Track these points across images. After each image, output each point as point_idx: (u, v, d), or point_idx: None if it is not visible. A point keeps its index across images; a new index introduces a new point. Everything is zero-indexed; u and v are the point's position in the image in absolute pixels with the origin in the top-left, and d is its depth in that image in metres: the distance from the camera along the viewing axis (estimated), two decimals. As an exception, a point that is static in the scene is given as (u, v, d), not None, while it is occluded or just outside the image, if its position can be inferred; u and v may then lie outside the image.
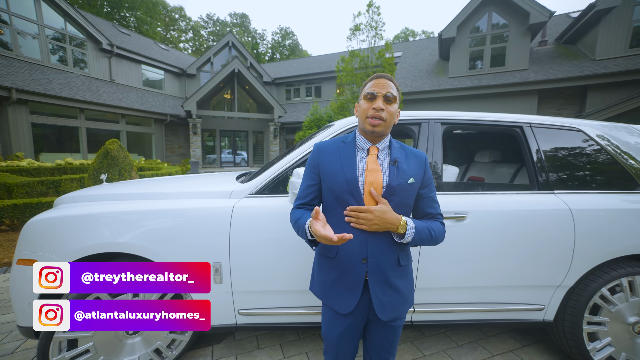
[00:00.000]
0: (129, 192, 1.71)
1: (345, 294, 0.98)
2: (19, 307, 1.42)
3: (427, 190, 1.03)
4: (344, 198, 0.96)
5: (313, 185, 1.05)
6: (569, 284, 1.57)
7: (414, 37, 40.45)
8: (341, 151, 1.01)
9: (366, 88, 0.98)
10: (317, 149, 1.06)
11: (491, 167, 2.60)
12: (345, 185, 0.96)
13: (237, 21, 40.91)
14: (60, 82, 9.77)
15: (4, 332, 2.02)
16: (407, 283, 1.03)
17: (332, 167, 1.00)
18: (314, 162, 1.05)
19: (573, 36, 10.23)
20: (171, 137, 13.85)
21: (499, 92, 9.63)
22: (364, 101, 0.97)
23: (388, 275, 0.97)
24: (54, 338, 1.32)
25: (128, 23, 28.57)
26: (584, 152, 1.68)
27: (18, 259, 1.41)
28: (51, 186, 5.26)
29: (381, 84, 0.95)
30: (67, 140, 10.22)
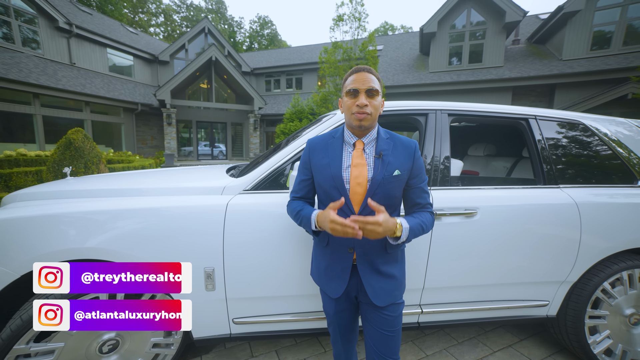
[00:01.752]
0: (102, 188, 1.47)
1: (335, 280, 1.05)
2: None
3: (416, 181, 1.03)
4: (331, 193, 1.01)
5: (306, 180, 1.10)
6: (573, 279, 1.57)
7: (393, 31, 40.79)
8: (329, 147, 1.05)
9: (347, 84, 0.99)
10: (308, 146, 1.10)
11: (485, 160, 2.60)
12: (331, 180, 0.99)
13: (213, 7, 38.83)
14: (7, 62, 8.64)
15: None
16: (398, 268, 1.05)
17: (320, 163, 1.03)
18: (305, 159, 1.09)
19: (543, 36, 10.74)
20: (143, 127, 12.92)
21: (477, 88, 9.94)
22: (347, 98, 0.98)
23: (376, 263, 1.01)
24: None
25: (90, 2, 26.04)
26: (588, 146, 1.68)
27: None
28: (0, 180, 4.66)
29: (362, 79, 0.95)
30: (19, 129, 9.16)
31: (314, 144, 1.08)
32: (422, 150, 1.56)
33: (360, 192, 0.98)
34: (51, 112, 9.58)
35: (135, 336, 1.35)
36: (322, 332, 1.53)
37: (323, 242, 1.06)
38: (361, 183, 0.97)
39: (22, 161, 6.74)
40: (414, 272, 1.47)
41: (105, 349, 1.29)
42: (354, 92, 0.95)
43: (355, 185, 0.98)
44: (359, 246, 1.00)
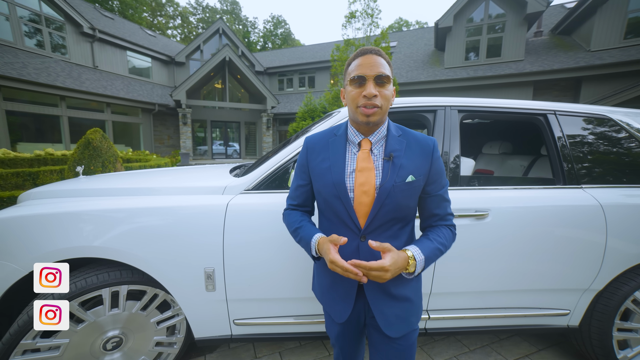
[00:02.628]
0: (108, 187, 1.49)
1: (340, 303, 0.89)
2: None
3: (434, 187, 0.85)
4: (332, 202, 0.84)
5: (304, 186, 0.94)
6: (598, 287, 1.45)
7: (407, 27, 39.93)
8: (330, 147, 0.88)
9: (352, 69, 0.80)
10: (305, 146, 0.93)
11: (501, 159, 2.46)
12: (332, 188, 0.83)
13: (228, 8, 39.47)
14: (37, 67, 9.15)
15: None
16: (414, 289, 0.88)
17: (320, 167, 0.87)
18: (303, 161, 0.93)
19: (568, 27, 10.15)
20: (160, 127, 13.34)
21: (495, 84, 9.54)
22: (352, 87, 0.79)
23: (388, 284, 0.84)
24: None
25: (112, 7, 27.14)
26: (616, 143, 1.54)
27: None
28: (28, 178, 4.92)
29: (370, 63, 0.77)
30: (47, 130, 9.67)
31: (312, 143, 0.92)
32: (430, 149, 1.48)
33: (367, 203, 0.81)
34: (76, 113, 10.05)
35: (138, 334, 1.37)
36: (326, 336, 1.49)
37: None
38: (368, 191, 0.80)
39: (49, 160, 7.11)
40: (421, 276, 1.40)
41: (109, 346, 1.31)
42: (360, 79, 0.77)
43: (361, 194, 0.81)
44: None
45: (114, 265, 1.31)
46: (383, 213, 0.80)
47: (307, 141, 0.94)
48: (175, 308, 1.42)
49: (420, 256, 0.77)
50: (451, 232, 0.87)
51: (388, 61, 0.80)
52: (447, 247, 0.85)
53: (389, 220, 0.82)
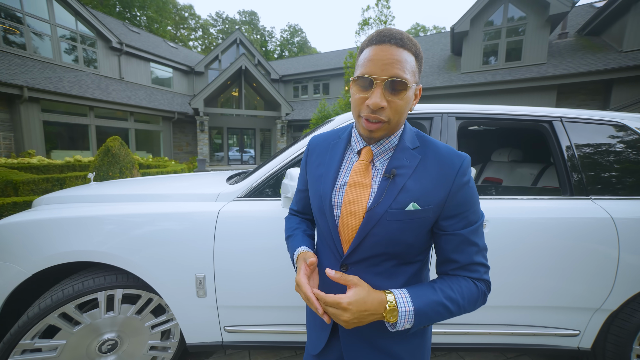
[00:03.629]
0: (109, 194, 1.56)
1: (316, 332, 0.75)
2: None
3: (454, 223, 0.61)
4: (318, 218, 0.71)
5: (302, 191, 0.84)
6: (611, 307, 1.33)
7: (424, 32, 39.56)
8: (329, 151, 0.74)
9: (361, 61, 0.60)
10: (308, 146, 0.80)
11: (510, 167, 2.35)
12: (319, 201, 0.69)
13: (246, 19, 40.94)
14: (71, 80, 9.88)
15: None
16: (408, 347, 0.66)
17: (315, 173, 0.74)
18: (303, 163, 0.81)
19: (597, 27, 9.63)
20: (179, 134, 13.90)
21: (515, 88, 9.19)
22: (355, 89, 0.60)
23: (370, 333, 0.65)
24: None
25: (139, 22, 28.95)
26: (629, 151, 1.43)
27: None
28: (56, 183, 5.26)
29: (384, 58, 0.55)
30: (78, 138, 10.35)
31: (315, 143, 0.78)
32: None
33: (353, 226, 0.63)
34: (102, 122, 10.70)
35: (133, 338, 1.41)
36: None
37: None
38: (356, 213, 0.63)
39: (77, 166, 7.59)
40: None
41: (105, 349, 1.35)
42: (366, 81, 0.57)
43: (347, 214, 0.64)
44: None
45: (110, 269, 1.36)
46: (370, 244, 0.62)
47: (311, 141, 0.80)
48: (169, 313, 1.45)
49: (407, 306, 0.56)
50: (476, 288, 0.61)
51: (416, 52, 0.58)
52: (461, 308, 0.59)
53: (378, 255, 0.64)
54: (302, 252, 0.71)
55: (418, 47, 0.60)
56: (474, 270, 0.62)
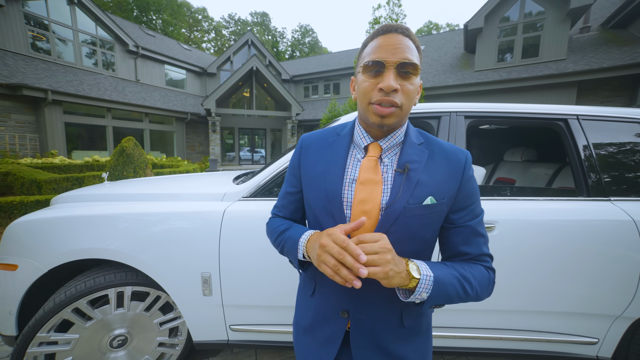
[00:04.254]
0: (121, 193, 1.61)
1: (317, 351, 0.68)
2: (1, 314, 1.35)
3: (463, 215, 0.63)
4: (323, 220, 0.65)
5: (293, 194, 0.75)
6: (634, 315, 1.26)
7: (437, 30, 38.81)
8: (330, 148, 0.69)
9: (367, 52, 0.60)
10: (301, 144, 0.75)
11: (524, 167, 2.27)
12: (324, 200, 0.64)
13: (258, 20, 41.38)
14: (90, 83, 10.26)
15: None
16: (419, 346, 0.67)
17: (313, 171, 0.69)
18: (295, 162, 0.74)
19: (624, 19, 9.16)
20: (192, 135, 14.20)
21: (532, 86, 8.88)
22: (365, 76, 0.59)
23: (383, 338, 0.64)
24: (27, 353, 1.23)
25: (155, 25, 29.78)
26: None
27: (0, 264, 1.35)
28: (75, 182, 5.48)
29: (393, 44, 0.56)
30: (96, 139, 10.74)
31: (309, 141, 0.74)
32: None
33: (367, 227, 0.61)
34: (119, 123, 11.06)
35: (142, 334, 1.44)
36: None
37: (308, 287, 0.72)
38: (369, 212, 0.61)
39: (95, 166, 7.88)
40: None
41: (115, 344, 1.39)
42: (377, 66, 0.57)
43: (360, 213, 0.61)
44: (357, 310, 0.64)
45: (120, 267, 1.40)
46: None
47: (303, 139, 0.76)
48: (176, 310, 1.48)
49: (428, 271, 0.55)
50: (487, 272, 0.62)
51: (418, 45, 0.60)
52: (473, 288, 0.59)
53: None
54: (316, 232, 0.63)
55: (418, 42, 0.61)
56: (484, 260, 0.64)
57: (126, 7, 28.07)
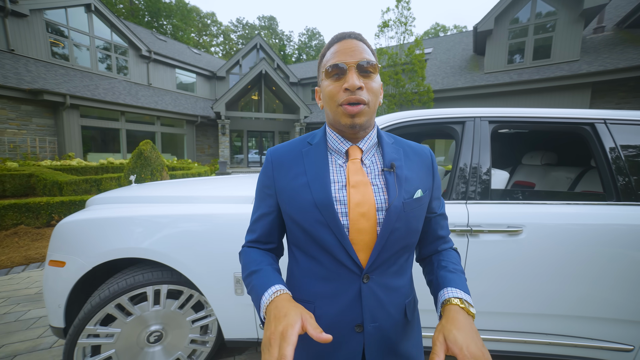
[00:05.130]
0: (155, 195, 1.68)
1: None
2: (51, 307, 1.43)
3: (438, 204, 0.73)
4: (317, 233, 0.61)
5: (269, 214, 0.69)
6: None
7: (445, 32, 38.64)
8: (306, 158, 0.66)
9: (327, 59, 0.62)
10: (270, 159, 0.70)
11: (544, 170, 2.27)
12: (315, 212, 0.61)
13: (265, 24, 41.88)
14: (105, 88, 10.56)
15: (46, 325, 2.10)
16: (416, 342, 0.69)
17: (293, 185, 0.64)
18: (267, 180, 0.69)
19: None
20: (201, 137, 14.42)
21: (543, 87, 8.79)
22: (329, 80, 0.61)
23: (394, 339, 0.64)
24: (77, 343, 1.30)
25: (165, 30, 30.40)
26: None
27: (50, 260, 1.43)
28: (94, 184, 5.64)
29: (350, 48, 0.59)
30: (110, 141, 11.02)
31: (279, 155, 0.69)
32: (457, 160, 1.45)
33: (368, 229, 0.60)
34: (132, 126, 11.33)
35: (176, 331, 1.50)
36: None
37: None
38: (367, 214, 0.60)
39: (110, 168, 8.08)
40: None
41: (152, 339, 1.46)
42: (338, 69, 0.59)
43: (358, 217, 0.60)
44: (370, 319, 0.62)
45: (156, 266, 1.47)
46: (393, 241, 0.61)
47: (272, 153, 0.71)
48: (207, 309, 1.54)
49: (466, 296, 0.59)
50: (457, 254, 0.74)
51: (372, 49, 0.64)
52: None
53: (398, 251, 0.64)
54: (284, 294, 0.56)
55: (372, 46, 0.66)
56: (450, 240, 0.75)
57: (138, 13, 28.76)
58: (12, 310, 2.31)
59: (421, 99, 9.68)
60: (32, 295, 2.55)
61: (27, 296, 2.54)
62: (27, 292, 2.62)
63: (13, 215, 3.85)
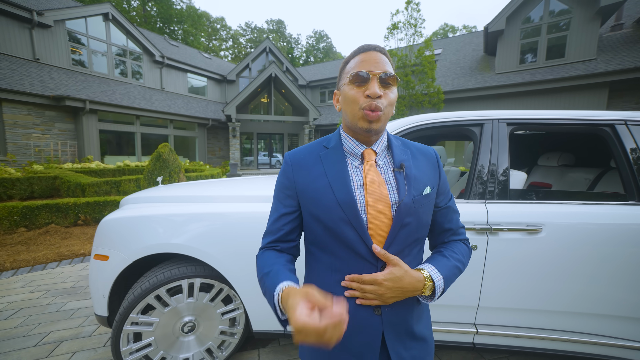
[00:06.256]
0: (186, 195, 1.79)
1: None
2: (95, 297, 1.55)
3: (444, 199, 0.77)
4: (339, 230, 0.67)
5: (289, 214, 0.74)
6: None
7: (453, 32, 38.30)
8: (325, 161, 0.72)
9: (351, 66, 0.68)
10: (290, 162, 0.75)
11: (561, 171, 2.29)
12: (338, 210, 0.67)
13: (274, 27, 42.37)
14: (122, 93, 10.92)
15: (84, 316, 2.26)
16: (427, 323, 0.77)
17: (315, 185, 0.70)
18: (287, 181, 0.74)
19: (658, 17, 8.77)
20: (212, 140, 14.71)
21: (557, 87, 8.65)
22: (350, 86, 0.67)
23: (410, 321, 0.70)
24: (123, 330, 1.41)
25: (177, 36, 31.14)
26: None
27: (94, 254, 1.55)
28: (114, 186, 5.86)
29: (374, 59, 0.65)
30: (125, 144, 11.38)
31: (299, 158, 0.75)
32: (476, 161, 1.50)
33: (384, 225, 0.67)
34: (146, 129, 11.67)
35: (207, 322, 1.60)
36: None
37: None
38: (383, 211, 0.67)
39: (127, 170, 8.35)
40: (467, 288, 1.41)
41: (186, 329, 1.56)
42: (363, 77, 0.64)
43: (376, 214, 0.66)
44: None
45: (189, 261, 1.56)
46: (404, 235, 0.68)
47: (291, 156, 0.76)
48: (236, 302, 1.63)
49: (438, 276, 0.67)
50: (466, 247, 0.78)
51: (392, 63, 0.70)
52: (465, 265, 0.75)
53: (410, 243, 0.70)
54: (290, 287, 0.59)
55: (393, 63, 0.72)
56: (461, 233, 0.79)
57: (150, 19, 29.57)
58: (53, 302, 2.48)
59: (431, 100, 9.65)
60: (68, 289, 2.72)
61: (64, 289, 2.71)
62: (64, 285, 2.80)
63: (45, 215, 4.07)
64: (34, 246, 3.62)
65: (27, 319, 2.19)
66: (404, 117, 1.58)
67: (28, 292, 2.64)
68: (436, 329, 1.48)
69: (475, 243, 1.38)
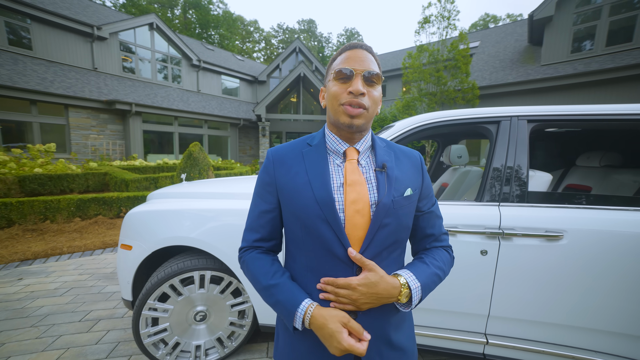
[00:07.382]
0: (202, 191, 1.90)
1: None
2: (122, 283, 1.73)
3: (427, 203, 0.76)
4: (316, 228, 0.66)
5: (270, 211, 0.73)
6: None
7: (495, 23, 35.56)
8: (307, 158, 0.71)
9: (337, 63, 0.68)
10: (272, 158, 0.74)
11: (603, 173, 2.03)
12: (315, 208, 0.65)
13: (305, 27, 42.84)
14: (162, 96, 11.84)
15: (118, 299, 2.52)
16: (408, 331, 0.74)
17: (294, 182, 0.69)
18: (268, 177, 0.73)
19: None
20: (244, 139, 15.33)
21: (618, 77, 7.65)
22: (335, 82, 0.67)
23: (387, 329, 0.68)
24: (142, 314, 1.55)
25: (213, 40, 32.90)
26: None
27: (121, 244, 1.72)
28: (152, 182, 6.40)
29: (359, 57, 0.66)
30: (165, 144, 12.32)
31: (281, 154, 0.74)
32: (491, 161, 1.40)
33: (362, 225, 0.65)
34: (183, 129, 12.51)
35: (217, 313, 1.69)
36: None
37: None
38: (361, 210, 0.65)
39: (165, 168, 9.05)
40: (476, 295, 1.32)
41: (198, 318, 1.66)
42: (346, 74, 0.65)
43: (354, 214, 0.65)
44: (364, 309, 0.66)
45: (201, 254, 1.67)
46: (382, 236, 0.66)
47: (273, 153, 0.75)
48: (244, 295, 1.70)
49: (416, 283, 0.65)
50: (449, 255, 0.76)
51: (379, 62, 0.70)
52: (446, 273, 0.73)
53: (389, 246, 0.68)
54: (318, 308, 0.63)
55: (379, 62, 0.71)
56: (443, 239, 0.78)
57: (190, 26, 31.58)
58: (96, 285, 2.81)
59: (465, 96, 9.09)
60: (108, 274, 3.06)
61: (105, 274, 3.05)
62: (105, 270, 3.15)
63: (94, 207, 4.60)
64: (85, 234, 4.10)
65: (75, 297, 2.51)
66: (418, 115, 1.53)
67: (78, 274, 3.00)
68: (444, 335, 1.42)
69: (486, 248, 1.30)
